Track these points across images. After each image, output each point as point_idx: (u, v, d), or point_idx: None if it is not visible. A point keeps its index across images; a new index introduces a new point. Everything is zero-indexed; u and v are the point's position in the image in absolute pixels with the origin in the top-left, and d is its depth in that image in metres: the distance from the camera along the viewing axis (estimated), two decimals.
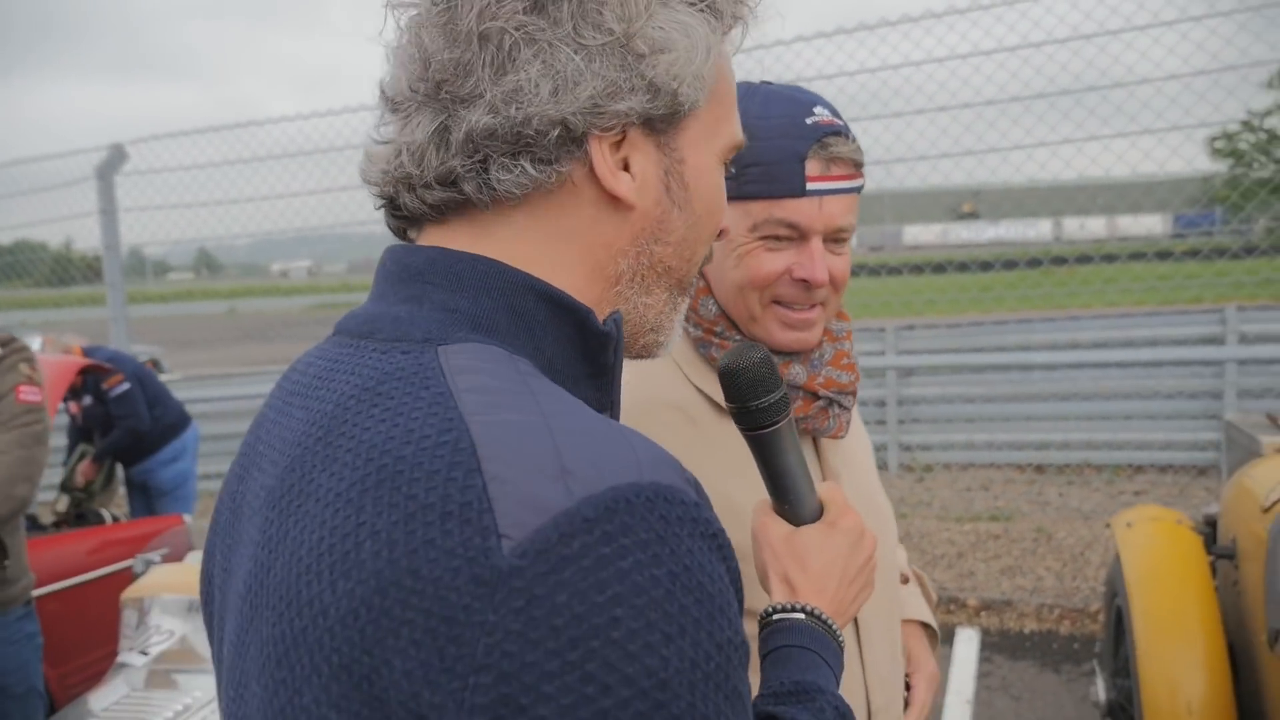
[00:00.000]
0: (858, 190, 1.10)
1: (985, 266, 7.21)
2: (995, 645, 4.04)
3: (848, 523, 0.82)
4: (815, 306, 1.09)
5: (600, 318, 0.63)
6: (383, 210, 0.68)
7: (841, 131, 1.06)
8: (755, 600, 0.79)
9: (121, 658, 1.96)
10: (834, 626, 0.76)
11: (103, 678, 1.98)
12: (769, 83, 1.13)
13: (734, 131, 0.70)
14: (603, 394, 0.65)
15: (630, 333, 0.68)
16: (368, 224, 8.48)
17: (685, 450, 0.74)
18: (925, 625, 1.37)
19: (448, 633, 0.45)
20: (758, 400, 0.80)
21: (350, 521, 0.49)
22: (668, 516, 0.49)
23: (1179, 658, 2.34)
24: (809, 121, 1.04)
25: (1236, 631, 2.51)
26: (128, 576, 3.15)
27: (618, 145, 0.62)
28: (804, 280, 1.06)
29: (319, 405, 0.57)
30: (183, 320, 22.99)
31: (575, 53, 0.58)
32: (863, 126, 5.96)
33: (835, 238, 1.08)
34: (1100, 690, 2.73)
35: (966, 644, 4.03)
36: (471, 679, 0.45)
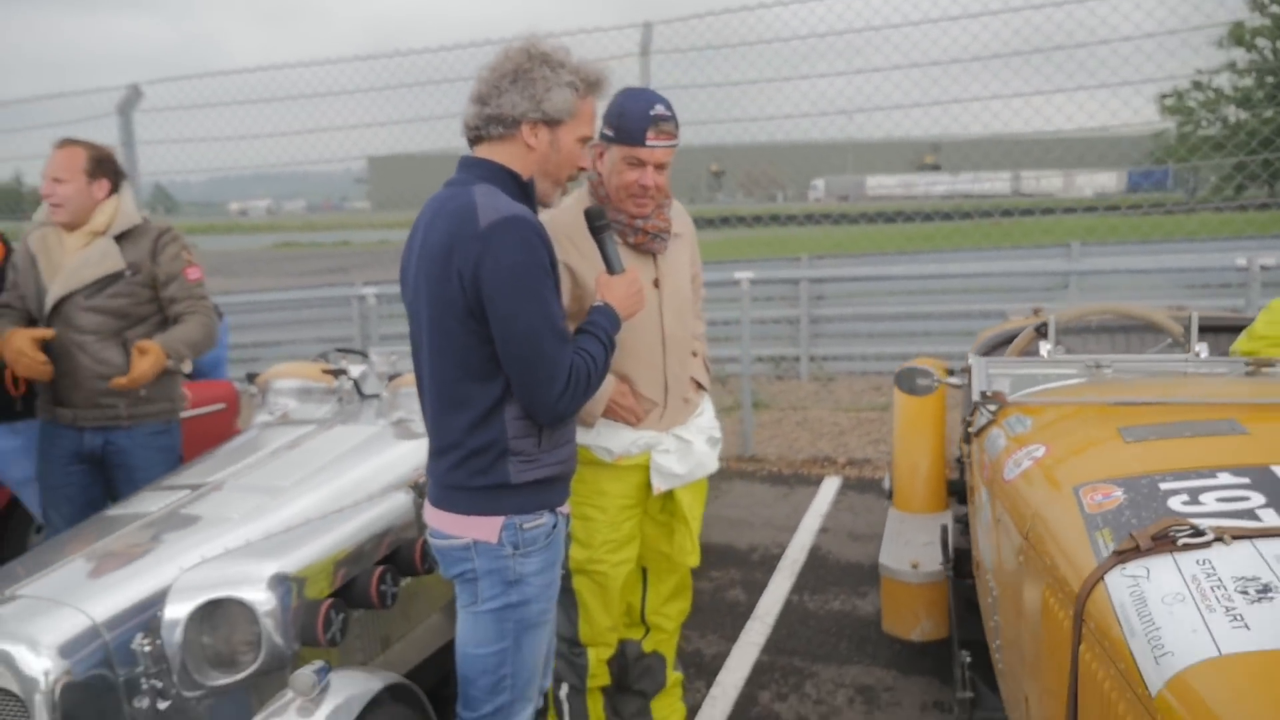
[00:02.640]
0: (674, 145, 2.41)
1: (945, 216, 8.02)
2: (851, 486, 5.50)
3: (631, 275, 2.15)
4: (648, 198, 2.43)
5: (529, 182, 2.00)
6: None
7: (668, 118, 2.36)
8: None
9: (256, 419, 3.28)
10: (617, 312, 2.10)
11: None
12: (638, 87, 2.45)
13: (585, 130, 2.03)
14: (534, 209, 1.99)
15: (538, 195, 2.03)
16: (319, 164, 9.32)
17: (581, 236, 2.12)
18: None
19: (468, 247, 1.82)
20: (599, 222, 2.14)
21: (445, 228, 1.87)
22: (527, 228, 1.85)
23: (915, 446, 3.76)
24: (651, 113, 2.35)
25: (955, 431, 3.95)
26: (219, 417, 4.44)
27: (534, 126, 1.95)
28: (643, 186, 2.40)
29: (436, 205, 1.95)
30: None
31: (522, 99, 1.92)
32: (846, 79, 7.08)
33: (660, 167, 2.40)
34: (887, 482, 4.16)
35: (829, 484, 5.49)
36: (474, 260, 1.82)
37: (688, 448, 2.56)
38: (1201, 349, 2.46)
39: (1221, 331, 2.93)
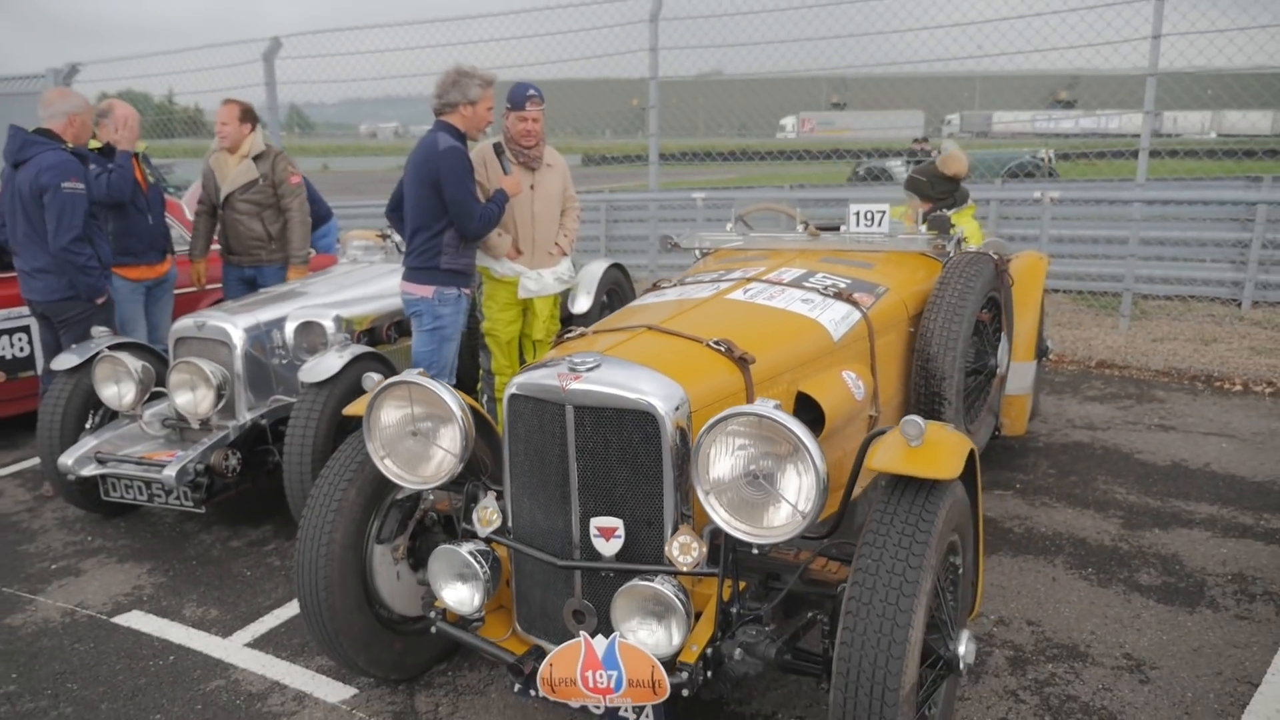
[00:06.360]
0: (541, 109, 4.92)
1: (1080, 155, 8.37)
2: None
3: (514, 176, 4.75)
4: (532, 135, 4.94)
5: (464, 132, 4.62)
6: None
7: (536, 95, 4.89)
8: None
9: (340, 260, 6.01)
10: (507, 191, 4.68)
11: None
12: (523, 82, 4.97)
13: (489, 104, 4.63)
14: (464, 144, 4.58)
15: (469, 134, 4.63)
16: None
17: (489, 163, 4.76)
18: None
19: (434, 158, 4.45)
20: (498, 149, 4.74)
21: (424, 150, 4.53)
22: (459, 151, 4.48)
23: None
24: (527, 95, 4.87)
25: None
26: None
27: (465, 105, 4.54)
28: (527, 131, 4.92)
29: (423, 139, 4.60)
30: None
31: (458, 93, 4.52)
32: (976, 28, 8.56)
33: (535, 120, 4.92)
34: None
35: None
36: (436, 164, 4.45)
37: (541, 278, 5.10)
38: (801, 228, 4.76)
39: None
